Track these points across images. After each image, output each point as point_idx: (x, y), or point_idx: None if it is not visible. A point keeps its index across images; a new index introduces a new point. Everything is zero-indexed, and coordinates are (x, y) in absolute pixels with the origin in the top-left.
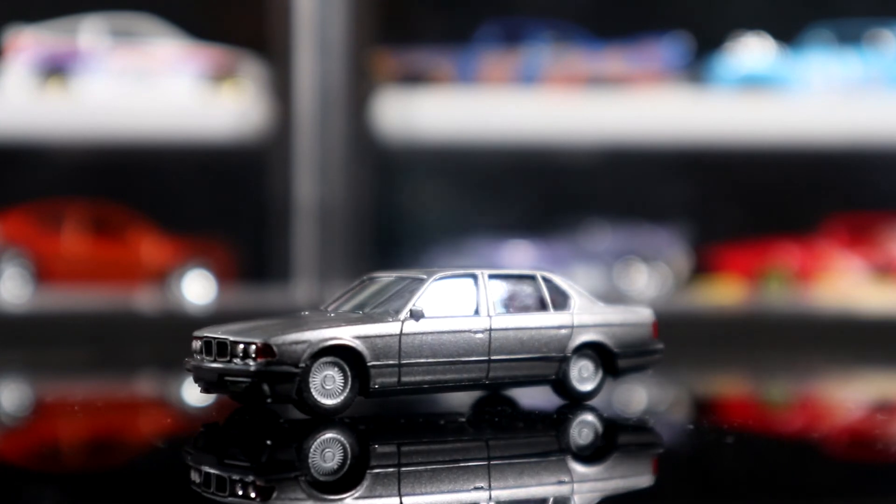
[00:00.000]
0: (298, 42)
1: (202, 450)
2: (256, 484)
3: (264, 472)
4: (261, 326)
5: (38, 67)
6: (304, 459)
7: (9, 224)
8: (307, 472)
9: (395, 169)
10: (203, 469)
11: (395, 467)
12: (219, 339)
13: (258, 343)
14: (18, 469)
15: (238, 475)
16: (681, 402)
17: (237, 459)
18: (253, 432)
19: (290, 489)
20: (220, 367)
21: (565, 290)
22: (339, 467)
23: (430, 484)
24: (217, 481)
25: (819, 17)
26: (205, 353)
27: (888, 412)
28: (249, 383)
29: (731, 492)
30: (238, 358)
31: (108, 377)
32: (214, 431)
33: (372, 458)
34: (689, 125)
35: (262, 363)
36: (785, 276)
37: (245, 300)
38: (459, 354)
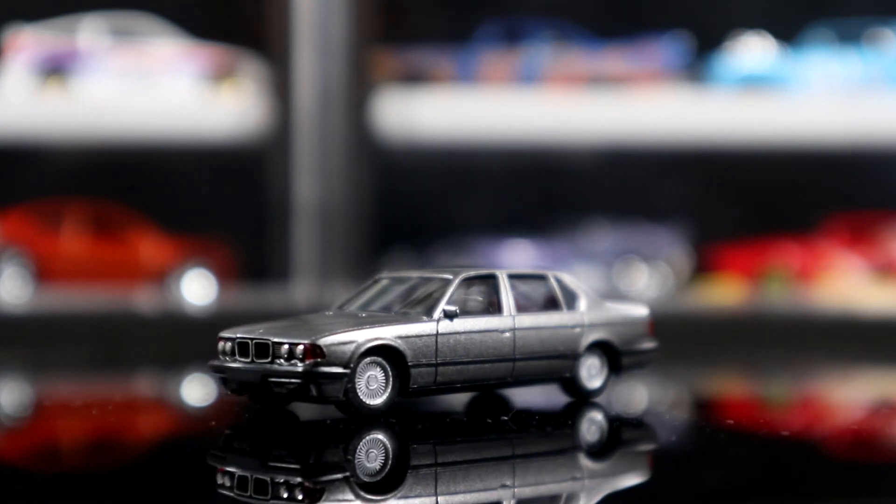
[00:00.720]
0: (298, 42)
1: (235, 452)
2: (306, 486)
3: (313, 473)
4: (297, 326)
5: (38, 67)
6: (351, 460)
7: (9, 224)
8: (355, 473)
9: (395, 169)
10: (243, 473)
11: (433, 466)
12: (259, 339)
13: (306, 343)
14: (32, 472)
15: (285, 477)
16: (681, 401)
17: (283, 461)
18: (279, 434)
19: (340, 490)
20: (264, 368)
21: (574, 290)
22: (381, 467)
23: (464, 482)
24: (258, 484)
25: (819, 16)
26: (238, 354)
27: (888, 412)
28: (298, 384)
29: (731, 492)
30: (281, 359)
31: (108, 377)
32: (241, 433)
33: (412, 456)
34: (689, 125)
35: (310, 364)
36: (785, 275)
37: (245, 300)
38: (489, 354)
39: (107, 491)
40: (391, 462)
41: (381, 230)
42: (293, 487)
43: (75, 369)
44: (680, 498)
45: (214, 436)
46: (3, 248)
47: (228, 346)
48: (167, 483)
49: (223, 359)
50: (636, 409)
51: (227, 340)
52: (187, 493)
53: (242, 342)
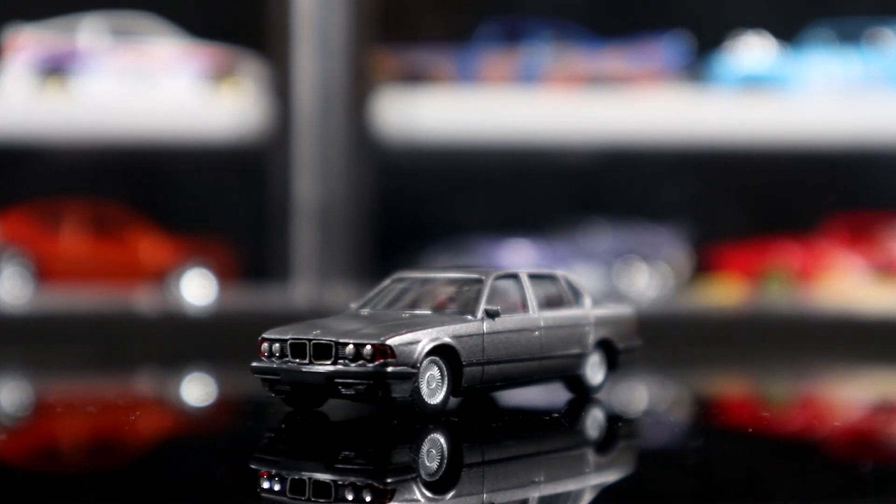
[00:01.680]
0: (298, 42)
1: (290, 455)
2: (376, 487)
3: (381, 474)
4: (350, 326)
5: (38, 67)
6: (417, 459)
7: (9, 224)
8: (421, 472)
9: (395, 169)
10: (309, 476)
11: (481, 464)
12: (319, 340)
13: (376, 344)
14: (32, 472)
15: (354, 479)
16: (681, 401)
17: (350, 463)
18: (324, 436)
19: (407, 490)
20: (331, 369)
21: (580, 289)
22: (439, 465)
23: (515, 477)
24: (320, 487)
25: (819, 16)
26: (291, 356)
27: (888, 412)
28: (368, 385)
29: (731, 492)
30: (345, 360)
31: (107, 377)
32: (284, 437)
33: (465, 454)
34: (690, 125)
35: (380, 364)
36: (785, 275)
37: (245, 300)
38: (523, 353)
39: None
40: (446, 460)
41: (381, 230)
42: (361, 489)
43: (75, 369)
44: (680, 498)
45: (257, 439)
46: (3, 247)
47: (276, 347)
48: (227, 490)
49: (270, 360)
50: (636, 409)
51: (275, 342)
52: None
53: (297, 343)
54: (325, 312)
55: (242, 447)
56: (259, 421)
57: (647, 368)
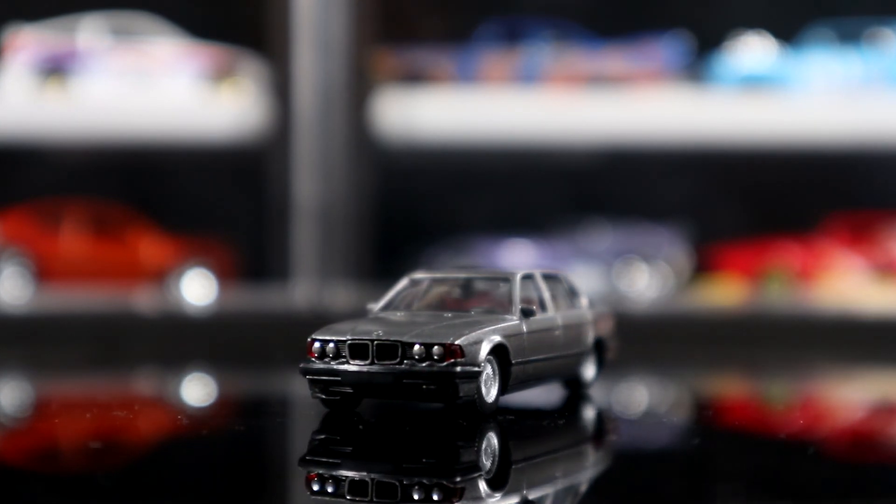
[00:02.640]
0: (298, 42)
1: (345, 457)
2: (446, 485)
3: (450, 473)
4: (406, 326)
5: (38, 67)
6: (480, 458)
7: (9, 224)
8: (487, 471)
9: (395, 169)
10: (371, 477)
11: (525, 461)
12: (383, 341)
13: (447, 344)
14: (33, 472)
15: (423, 479)
16: (681, 401)
17: (420, 463)
18: (370, 436)
19: (474, 489)
20: (400, 370)
21: (577, 289)
22: (491, 463)
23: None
24: (383, 488)
25: (819, 16)
26: (350, 357)
27: (888, 412)
28: (439, 385)
29: (731, 492)
30: (412, 360)
31: (108, 377)
32: (329, 441)
33: (513, 452)
34: (690, 125)
35: (449, 364)
36: (785, 275)
37: (245, 300)
38: (548, 351)
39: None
40: (497, 458)
41: (381, 230)
42: (431, 488)
43: (75, 369)
44: (679, 498)
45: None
46: (3, 247)
47: (331, 347)
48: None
49: (325, 361)
50: (637, 409)
51: (329, 342)
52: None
53: (358, 344)
54: (325, 313)
55: (262, 447)
56: (260, 420)
57: (647, 368)
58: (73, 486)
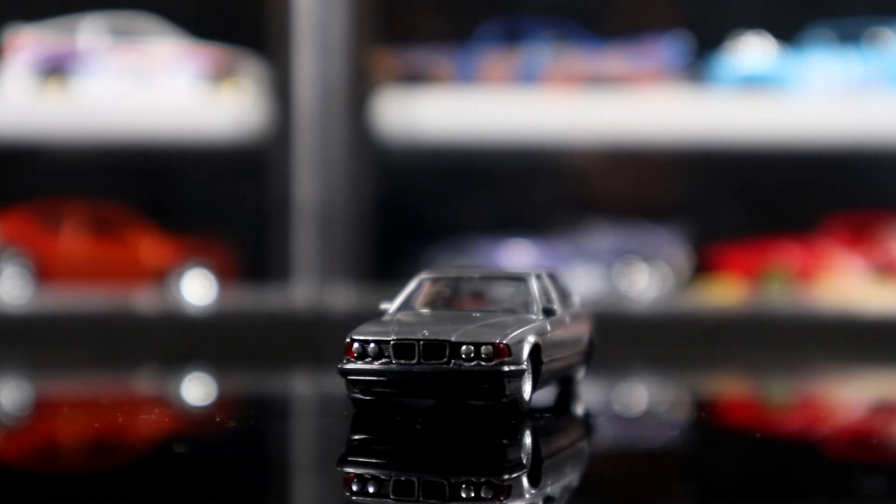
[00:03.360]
0: (298, 42)
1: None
2: (495, 483)
3: (497, 471)
4: (447, 325)
5: (38, 67)
6: (524, 455)
7: (9, 224)
8: (528, 468)
9: (395, 169)
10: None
11: (550, 457)
12: (430, 340)
13: (496, 343)
14: (34, 472)
15: (471, 477)
16: (681, 401)
17: (464, 461)
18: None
19: (520, 486)
20: (451, 368)
21: (570, 290)
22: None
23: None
24: (430, 487)
25: (819, 16)
26: (394, 357)
27: (888, 412)
28: (490, 384)
29: (731, 492)
30: (458, 359)
31: (108, 377)
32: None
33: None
34: (690, 125)
35: (498, 363)
36: (785, 275)
37: (245, 300)
38: (564, 349)
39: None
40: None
41: (381, 230)
42: (480, 486)
43: (75, 369)
44: (679, 498)
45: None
46: (3, 248)
47: (373, 348)
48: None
49: (367, 361)
50: (636, 409)
51: (370, 343)
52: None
53: (404, 343)
54: (325, 313)
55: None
56: (264, 420)
57: (646, 368)
58: (73, 486)
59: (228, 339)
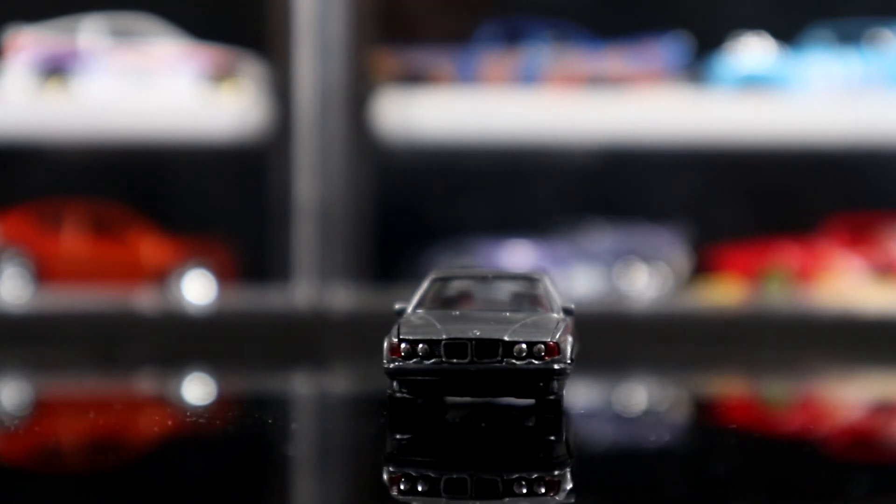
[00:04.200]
0: (298, 42)
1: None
2: (547, 479)
3: (547, 467)
4: (491, 324)
5: (38, 67)
6: (569, 450)
7: (9, 224)
8: (576, 465)
9: (395, 169)
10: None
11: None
12: (483, 339)
13: (548, 342)
14: (34, 472)
15: (524, 474)
16: (680, 401)
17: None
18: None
19: (567, 480)
20: (506, 367)
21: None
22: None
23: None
24: (483, 485)
25: (819, 16)
26: (445, 356)
27: (888, 412)
28: (543, 382)
29: (730, 492)
30: (512, 358)
31: (108, 377)
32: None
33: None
34: (690, 125)
35: (549, 361)
36: (785, 276)
37: (245, 300)
38: (575, 349)
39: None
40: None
41: (381, 230)
42: (532, 482)
43: (75, 369)
44: (679, 498)
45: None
46: (3, 248)
47: (423, 347)
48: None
49: (417, 361)
50: (636, 409)
51: (420, 342)
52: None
53: (456, 343)
54: (325, 313)
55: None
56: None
57: (646, 368)
58: (74, 486)
59: (228, 339)
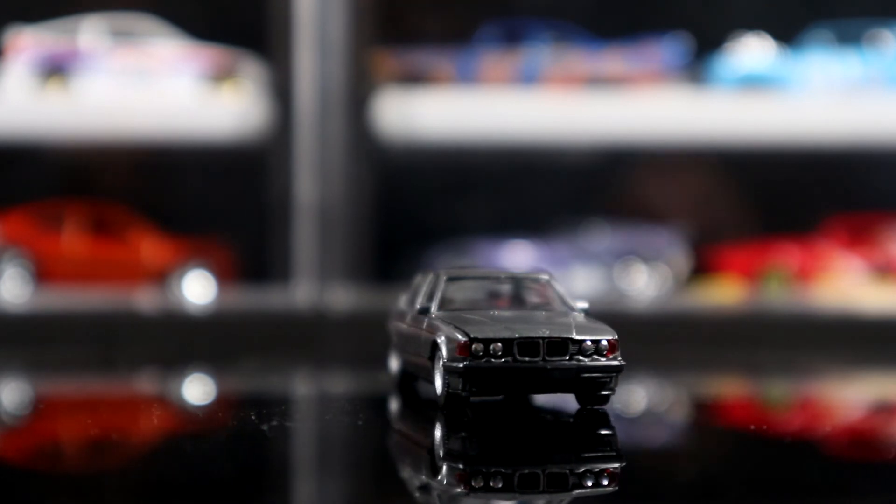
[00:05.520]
0: (298, 42)
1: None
2: (612, 471)
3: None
4: (544, 322)
5: (39, 67)
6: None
7: (9, 224)
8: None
9: (395, 169)
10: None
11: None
12: (554, 338)
13: (611, 339)
14: (35, 472)
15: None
16: (680, 402)
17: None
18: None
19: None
20: (579, 364)
21: None
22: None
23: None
24: (555, 478)
25: (819, 17)
26: (518, 354)
27: (888, 412)
28: (611, 378)
29: (731, 492)
30: (580, 355)
31: (108, 377)
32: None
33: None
34: (689, 126)
35: (612, 357)
36: (785, 276)
37: (245, 300)
38: None
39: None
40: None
41: (381, 231)
42: (599, 475)
43: (75, 369)
44: (678, 498)
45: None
46: (3, 248)
47: (497, 346)
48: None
49: (486, 361)
50: (636, 410)
51: (493, 342)
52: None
53: (528, 342)
54: (326, 313)
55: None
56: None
57: (646, 369)
58: (73, 487)
59: (228, 340)
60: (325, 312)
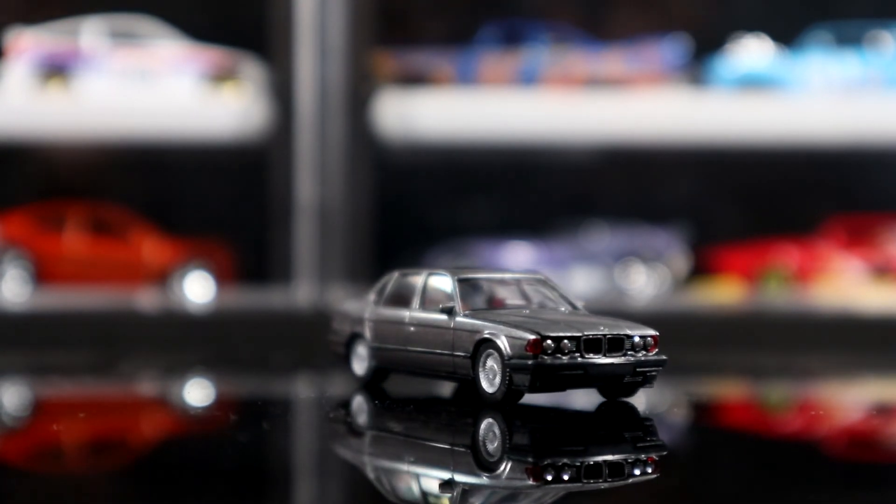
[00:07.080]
0: (298, 42)
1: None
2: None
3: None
4: (580, 320)
5: (39, 68)
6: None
7: (9, 224)
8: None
9: (395, 169)
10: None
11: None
12: (614, 335)
13: (654, 335)
14: (34, 473)
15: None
16: (679, 402)
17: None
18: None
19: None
20: (636, 359)
21: None
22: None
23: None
24: (614, 468)
25: (819, 18)
26: (584, 351)
27: (887, 412)
28: (657, 373)
29: (730, 493)
30: (630, 351)
31: (108, 378)
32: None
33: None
34: (689, 125)
35: (657, 352)
36: (784, 276)
37: (246, 301)
38: None
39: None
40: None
41: (381, 231)
42: (645, 464)
43: (76, 370)
44: (678, 498)
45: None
46: (3, 248)
47: (567, 343)
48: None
49: (556, 357)
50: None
51: (563, 339)
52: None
53: (593, 339)
54: (326, 313)
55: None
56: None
57: None
58: (73, 487)
59: (229, 340)
60: (325, 312)
